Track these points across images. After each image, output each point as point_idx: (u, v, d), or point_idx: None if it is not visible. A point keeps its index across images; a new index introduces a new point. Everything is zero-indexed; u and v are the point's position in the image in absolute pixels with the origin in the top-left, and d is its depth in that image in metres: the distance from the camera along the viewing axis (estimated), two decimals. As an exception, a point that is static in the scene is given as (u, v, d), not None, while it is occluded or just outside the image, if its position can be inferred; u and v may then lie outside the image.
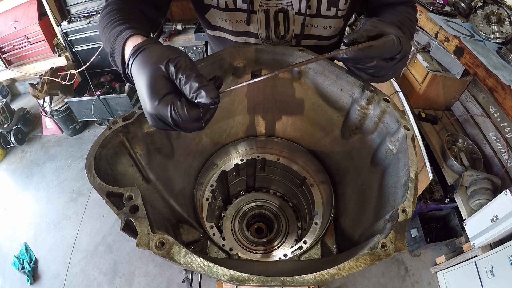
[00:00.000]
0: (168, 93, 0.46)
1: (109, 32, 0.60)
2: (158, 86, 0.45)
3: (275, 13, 0.78)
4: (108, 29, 0.61)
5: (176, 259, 0.42)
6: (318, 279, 0.42)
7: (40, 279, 2.01)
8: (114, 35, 0.58)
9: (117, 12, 0.64)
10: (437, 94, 2.00)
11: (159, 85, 0.46)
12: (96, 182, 0.50)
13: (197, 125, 0.48)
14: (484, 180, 1.54)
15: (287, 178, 1.08)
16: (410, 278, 1.90)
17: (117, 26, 0.59)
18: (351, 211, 0.81)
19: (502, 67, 1.41)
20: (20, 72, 2.70)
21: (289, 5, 0.77)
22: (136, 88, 0.50)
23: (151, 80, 0.46)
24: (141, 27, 0.62)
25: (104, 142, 0.58)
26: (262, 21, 0.81)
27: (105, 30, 0.62)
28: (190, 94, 0.44)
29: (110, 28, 0.60)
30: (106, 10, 0.66)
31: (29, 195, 2.54)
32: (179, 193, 0.83)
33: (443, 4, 1.97)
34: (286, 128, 0.99)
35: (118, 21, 0.61)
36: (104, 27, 0.63)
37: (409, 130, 0.62)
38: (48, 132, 3.04)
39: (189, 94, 0.44)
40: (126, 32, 0.56)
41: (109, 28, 0.61)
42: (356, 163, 0.84)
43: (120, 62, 0.58)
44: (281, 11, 0.78)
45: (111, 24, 0.61)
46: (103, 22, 0.64)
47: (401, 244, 0.47)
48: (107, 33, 0.61)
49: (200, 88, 0.43)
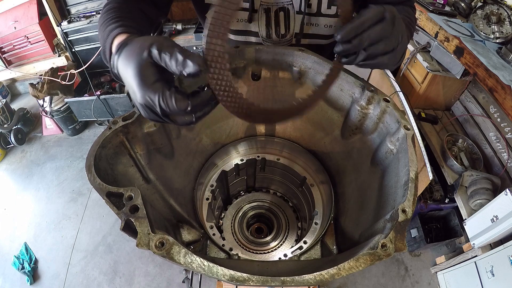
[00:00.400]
0: (156, 80, 0.45)
1: (103, 30, 0.61)
2: (146, 73, 0.45)
3: (276, 12, 0.78)
4: (103, 28, 0.61)
5: (176, 259, 0.42)
6: (318, 279, 0.42)
7: (40, 279, 2.01)
8: (106, 34, 0.59)
9: (114, 10, 0.64)
10: (437, 94, 2.00)
11: (146, 72, 0.45)
12: (96, 182, 0.50)
13: (187, 118, 0.46)
14: (484, 180, 1.54)
15: (287, 178, 1.08)
16: (410, 278, 1.90)
17: (110, 25, 0.59)
18: (351, 211, 0.81)
19: (502, 67, 1.41)
20: (20, 72, 2.70)
21: (289, 4, 0.78)
22: (125, 83, 0.49)
23: (137, 69, 0.45)
24: (135, 26, 0.62)
25: (104, 142, 0.58)
26: (262, 19, 0.82)
27: (100, 28, 0.63)
28: (177, 68, 0.43)
29: (104, 27, 0.61)
30: (105, 8, 0.66)
31: (29, 195, 2.54)
32: (179, 193, 0.83)
33: (443, 4, 1.97)
34: (286, 128, 0.99)
35: (112, 20, 0.61)
36: (100, 25, 0.63)
37: (409, 130, 0.62)
38: (48, 132, 3.04)
39: (176, 69, 0.43)
40: (115, 30, 0.57)
41: (103, 27, 0.61)
42: (356, 163, 0.84)
43: (109, 61, 0.58)
44: (282, 10, 0.78)
45: (105, 23, 0.61)
46: (100, 21, 0.65)
47: (401, 244, 0.47)
48: (101, 32, 0.62)
49: (186, 59, 0.42)
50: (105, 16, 0.63)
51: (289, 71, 0.82)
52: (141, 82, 0.45)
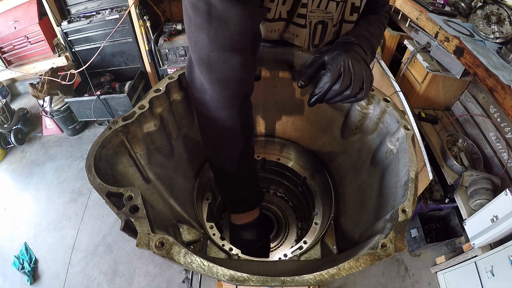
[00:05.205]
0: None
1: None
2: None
3: (315, 25, 0.76)
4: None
5: (176, 259, 0.42)
6: (318, 279, 0.42)
7: (40, 279, 2.01)
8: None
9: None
10: (437, 94, 2.00)
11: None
12: (96, 182, 0.50)
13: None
14: (484, 180, 1.54)
15: (287, 178, 1.08)
16: (410, 278, 1.90)
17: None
18: (351, 211, 0.81)
19: (502, 67, 1.41)
20: (20, 72, 2.70)
21: (330, 18, 0.76)
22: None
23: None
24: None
25: (104, 142, 0.58)
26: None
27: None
28: None
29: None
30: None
31: (29, 195, 2.54)
32: (179, 193, 0.83)
33: (443, 4, 1.97)
34: (286, 128, 0.99)
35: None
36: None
37: (409, 130, 0.62)
38: (48, 132, 3.03)
39: None
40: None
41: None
42: (356, 163, 0.84)
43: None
44: (321, 23, 0.76)
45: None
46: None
47: (401, 244, 0.47)
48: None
49: None
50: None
51: (289, 71, 0.82)
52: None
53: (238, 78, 0.60)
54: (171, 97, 0.72)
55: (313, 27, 0.76)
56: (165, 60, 2.56)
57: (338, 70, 0.60)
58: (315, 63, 0.67)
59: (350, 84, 0.60)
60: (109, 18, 2.33)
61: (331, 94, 0.62)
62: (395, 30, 2.35)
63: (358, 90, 0.62)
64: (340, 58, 0.61)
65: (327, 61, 0.65)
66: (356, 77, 0.61)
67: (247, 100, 0.68)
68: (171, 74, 0.70)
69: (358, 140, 0.81)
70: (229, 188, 0.79)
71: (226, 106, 0.63)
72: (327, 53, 0.66)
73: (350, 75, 0.60)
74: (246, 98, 0.67)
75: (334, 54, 0.64)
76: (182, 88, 0.73)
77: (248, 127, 0.71)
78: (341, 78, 0.60)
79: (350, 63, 0.61)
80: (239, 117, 0.66)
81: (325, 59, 0.66)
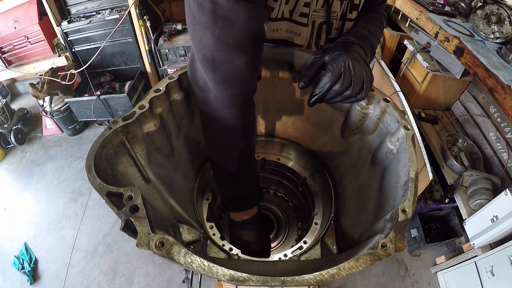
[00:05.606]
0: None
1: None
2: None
3: (320, 25, 0.76)
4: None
5: (176, 259, 0.42)
6: (318, 279, 0.42)
7: (40, 279, 2.01)
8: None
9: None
10: (437, 94, 2.00)
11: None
12: (96, 182, 0.50)
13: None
14: (484, 180, 1.54)
15: (287, 178, 1.08)
16: (410, 278, 1.90)
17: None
18: (351, 211, 0.81)
19: (502, 67, 1.40)
20: (20, 72, 2.70)
21: (334, 18, 0.76)
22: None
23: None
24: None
25: (104, 142, 0.58)
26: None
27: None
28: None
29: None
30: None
31: (29, 195, 2.53)
32: (179, 193, 0.83)
33: (443, 4, 1.97)
34: (286, 128, 0.99)
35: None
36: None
37: (409, 130, 0.62)
38: (48, 132, 3.03)
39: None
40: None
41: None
42: (356, 163, 0.84)
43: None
44: (326, 23, 0.76)
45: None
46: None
47: (401, 244, 0.47)
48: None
49: None
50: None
51: (289, 71, 0.82)
52: None
53: (243, 78, 0.60)
54: (171, 97, 0.72)
55: (317, 26, 0.76)
56: (165, 60, 2.56)
57: (339, 71, 0.61)
58: (316, 64, 0.68)
59: (351, 84, 0.61)
60: (109, 18, 2.33)
61: (331, 94, 0.62)
62: (395, 30, 2.35)
63: (358, 90, 0.62)
64: (340, 58, 0.61)
65: (327, 61, 0.65)
66: (357, 78, 0.61)
67: (250, 99, 0.68)
68: (171, 74, 0.70)
69: (358, 140, 0.81)
70: (229, 186, 0.79)
71: (230, 105, 0.64)
72: (328, 54, 0.66)
73: (351, 75, 0.61)
74: (250, 98, 0.68)
75: (334, 54, 0.64)
76: (182, 88, 0.73)
77: (250, 126, 0.72)
78: (341, 79, 0.61)
79: (350, 64, 0.61)
80: (242, 116, 0.66)
81: (326, 60, 0.66)
